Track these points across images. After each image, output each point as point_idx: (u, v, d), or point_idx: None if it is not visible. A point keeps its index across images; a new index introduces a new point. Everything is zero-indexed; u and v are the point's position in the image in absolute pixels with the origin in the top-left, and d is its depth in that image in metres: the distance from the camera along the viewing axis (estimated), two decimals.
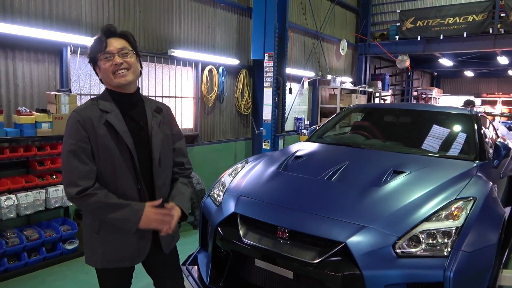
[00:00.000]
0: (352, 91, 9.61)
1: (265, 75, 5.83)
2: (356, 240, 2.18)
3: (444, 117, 4.03)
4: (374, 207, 2.41)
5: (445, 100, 16.92)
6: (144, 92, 5.11)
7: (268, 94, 5.84)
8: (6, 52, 3.77)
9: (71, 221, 4.09)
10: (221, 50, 6.23)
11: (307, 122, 8.66)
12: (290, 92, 7.13)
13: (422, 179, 2.72)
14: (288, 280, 2.34)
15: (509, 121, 10.65)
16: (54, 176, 3.92)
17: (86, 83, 4.48)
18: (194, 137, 5.93)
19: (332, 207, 2.46)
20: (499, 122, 10.51)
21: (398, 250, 2.15)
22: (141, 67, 1.90)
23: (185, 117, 5.84)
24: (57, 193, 3.87)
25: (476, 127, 3.64)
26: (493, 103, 16.95)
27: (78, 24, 4.28)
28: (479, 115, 4.16)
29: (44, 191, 3.79)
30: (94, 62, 1.81)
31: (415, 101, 14.36)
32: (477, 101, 17.39)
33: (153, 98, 2.06)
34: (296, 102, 8.37)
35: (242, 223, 2.59)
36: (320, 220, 2.35)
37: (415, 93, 14.62)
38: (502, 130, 9.75)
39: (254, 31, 6.08)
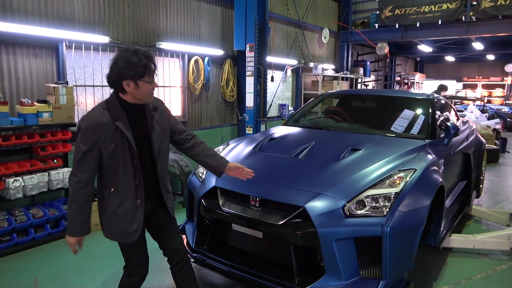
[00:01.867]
0: (334, 78, 10.06)
1: (247, 65, 6.24)
2: (313, 204, 2.66)
3: (405, 101, 4.50)
4: (330, 178, 2.90)
5: (428, 85, 17.47)
6: None
7: (250, 83, 6.27)
8: (7, 49, 4.14)
9: None
10: (206, 42, 6.62)
11: (291, 108, 9.11)
12: (272, 80, 7.56)
13: (375, 155, 3.20)
14: (259, 240, 2.83)
15: (482, 104, 11.21)
16: (55, 161, 4.34)
17: (81, 75, 4.87)
18: (183, 123, 6.34)
19: (295, 179, 2.93)
20: (474, 105, 11.07)
21: (346, 212, 2.63)
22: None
23: (173, 105, 6.26)
24: (58, 176, 4.30)
25: (430, 110, 4.11)
26: (473, 86, 17.56)
27: (72, 21, 4.64)
28: (438, 100, 4.64)
29: (46, 174, 4.22)
30: (132, 78, 2.07)
31: (397, 86, 14.87)
32: (459, 85, 17.99)
33: None
34: (280, 89, 8.80)
35: (221, 195, 3.05)
36: (285, 190, 2.83)
37: (398, 78, 15.12)
38: (476, 112, 10.32)
39: (236, 23, 6.48)
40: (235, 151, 3.58)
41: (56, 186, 4.30)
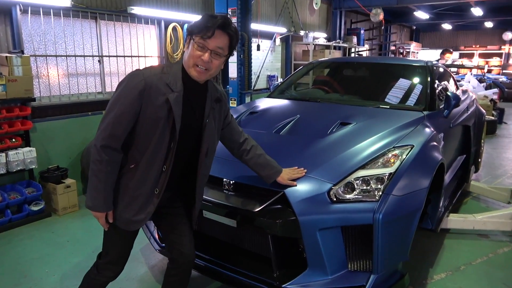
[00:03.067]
0: (326, 47, 9.55)
1: None
2: (293, 188, 2.28)
3: (401, 69, 4.07)
4: (315, 157, 2.51)
5: (424, 54, 16.95)
6: (105, 53, 5.00)
7: None
8: None
9: (36, 183, 4.13)
10: (185, 7, 6.06)
11: (280, 79, 8.62)
12: (258, 49, 7.05)
13: (366, 130, 2.81)
14: (232, 229, 2.46)
15: (481, 74, 10.79)
16: (13, 140, 3.91)
17: (41, 44, 4.36)
18: None
19: (275, 158, 2.53)
20: (471, 74, 10.66)
21: (332, 196, 2.25)
22: (224, 65, 1.91)
23: None
24: (17, 156, 3.88)
25: (429, 79, 3.70)
26: (470, 55, 17.08)
27: None
28: (438, 68, 4.21)
29: (4, 154, 3.80)
30: (190, 34, 1.76)
31: (392, 56, 14.35)
32: (455, 54, 17.50)
33: (215, 83, 2.04)
34: (269, 59, 8.30)
35: None
36: None
37: (393, 48, 14.57)
38: (473, 82, 9.91)
39: None
40: None
41: (16, 167, 3.88)
